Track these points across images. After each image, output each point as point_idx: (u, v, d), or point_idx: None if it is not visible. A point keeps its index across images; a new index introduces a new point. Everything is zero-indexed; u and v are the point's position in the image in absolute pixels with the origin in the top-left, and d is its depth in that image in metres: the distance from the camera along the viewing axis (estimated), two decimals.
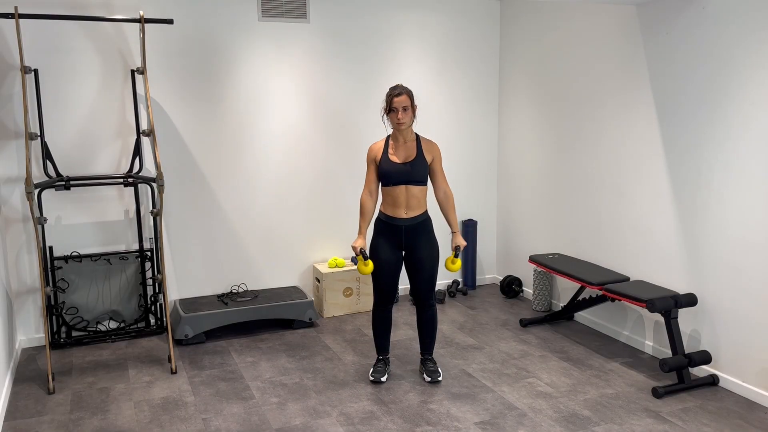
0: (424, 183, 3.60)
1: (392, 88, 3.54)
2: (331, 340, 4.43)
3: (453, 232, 3.70)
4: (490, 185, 5.68)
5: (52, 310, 4.28)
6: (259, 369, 3.95)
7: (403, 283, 5.42)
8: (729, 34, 3.45)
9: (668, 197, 3.92)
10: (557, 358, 4.08)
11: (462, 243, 3.68)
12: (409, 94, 3.53)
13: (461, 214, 5.59)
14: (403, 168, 3.54)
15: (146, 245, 4.55)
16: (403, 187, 3.56)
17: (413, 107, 3.54)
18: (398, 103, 3.49)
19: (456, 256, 3.65)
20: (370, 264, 3.61)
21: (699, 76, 3.64)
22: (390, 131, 3.65)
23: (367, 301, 5.04)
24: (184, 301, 4.62)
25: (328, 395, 3.59)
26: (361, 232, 3.65)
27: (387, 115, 3.56)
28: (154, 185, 4.47)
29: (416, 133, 3.63)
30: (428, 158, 3.61)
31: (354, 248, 3.60)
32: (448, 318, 4.87)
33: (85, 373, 3.91)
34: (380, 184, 3.64)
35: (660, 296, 3.65)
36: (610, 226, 4.41)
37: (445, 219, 3.75)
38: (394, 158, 3.57)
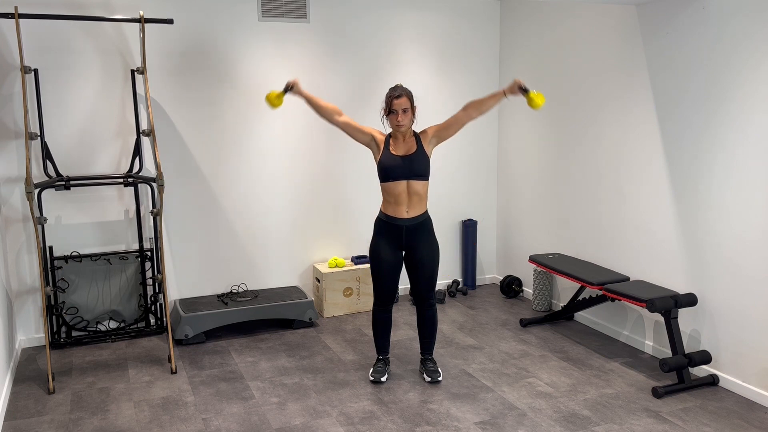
0: (426, 177, 3.57)
1: (392, 89, 3.52)
2: (331, 340, 4.43)
3: (503, 91, 3.48)
4: (490, 185, 5.68)
5: (52, 310, 4.28)
6: (259, 369, 3.95)
7: (403, 283, 5.42)
8: (729, 33, 3.45)
9: (668, 197, 3.92)
10: (557, 358, 4.08)
11: (515, 83, 3.43)
12: (409, 96, 3.51)
13: (461, 214, 5.59)
14: (405, 161, 3.51)
15: (146, 245, 4.55)
16: (404, 182, 3.54)
17: (413, 109, 3.52)
18: (398, 105, 3.47)
19: (526, 91, 3.39)
20: (282, 99, 3.53)
21: (699, 76, 3.64)
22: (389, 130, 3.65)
23: (367, 301, 5.04)
24: (184, 301, 4.62)
25: (328, 395, 3.59)
26: (304, 92, 3.56)
27: (386, 116, 3.55)
28: (154, 185, 4.47)
29: (413, 130, 3.62)
30: (429, 146, 3.58)
31: (288, 81, 3.53)
32: (448, 318, 4.87)
33: (85, 373, 3.91)
34: (380, 182, 3.60)
35: (660, 296, 3.65)
36: (610, 225, 4.41)
37: (485, 102, 3.51)
38: (394, 152, 3.55)
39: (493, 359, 4.07)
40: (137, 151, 4.40)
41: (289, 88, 3.54)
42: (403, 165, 3.51)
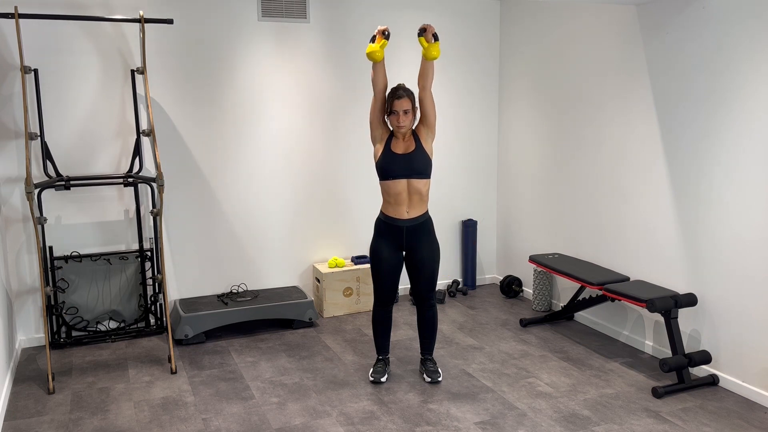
0: (427, 175, 3.54)
1: (394, 89, 3.49)
2: (331, 340, 4.43)
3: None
4: (490, 185, 5.68)
5: (52, 310, 4.28)
6: (259, 369, 3.95)
7: (403, 283, 5.42)
8: (730, 33, 3.45)
9: (668, 197, 3.92)
10: (557, 358, 4.08)
11: (421, 26, 3.37)
12: (411, 97, 3.47)
13: (461, 214, 5.59)
14: (404, 159, 3.49)
15: (146, 245, 4.55)
16: (404, 181, 3.51)
17: (414, 110, 3.50)
18: (399, 106, 3.44)
19: (420, 34, 3.35)
20: (382, 52, 3.36)
21: (699, 76, 3.64)
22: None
23: (367, 301, 5.04)
24: (184, 301, 4.62)
25: (328, 395, 3.59)
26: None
27: (387, 116, 3.54)
28: (154, 185, 4.47)
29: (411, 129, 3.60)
30: (427, 141, 3.54)
31: (385, 29, 3.37)
32: (448, 318, 4.87)
33: (85, 373, 3.91)
34: (380, 180, 3.57)
35: (660, 296, 3.66)
36: (610, 226, 4.41)
37: (422, 70, 3.45)
38: (394, 150, 3.53)
39: (493, 359, 4.07)
40: (137, 151, 4.40)
41: (384, 32, 3.39)
42: (403, 163, 3.49)
